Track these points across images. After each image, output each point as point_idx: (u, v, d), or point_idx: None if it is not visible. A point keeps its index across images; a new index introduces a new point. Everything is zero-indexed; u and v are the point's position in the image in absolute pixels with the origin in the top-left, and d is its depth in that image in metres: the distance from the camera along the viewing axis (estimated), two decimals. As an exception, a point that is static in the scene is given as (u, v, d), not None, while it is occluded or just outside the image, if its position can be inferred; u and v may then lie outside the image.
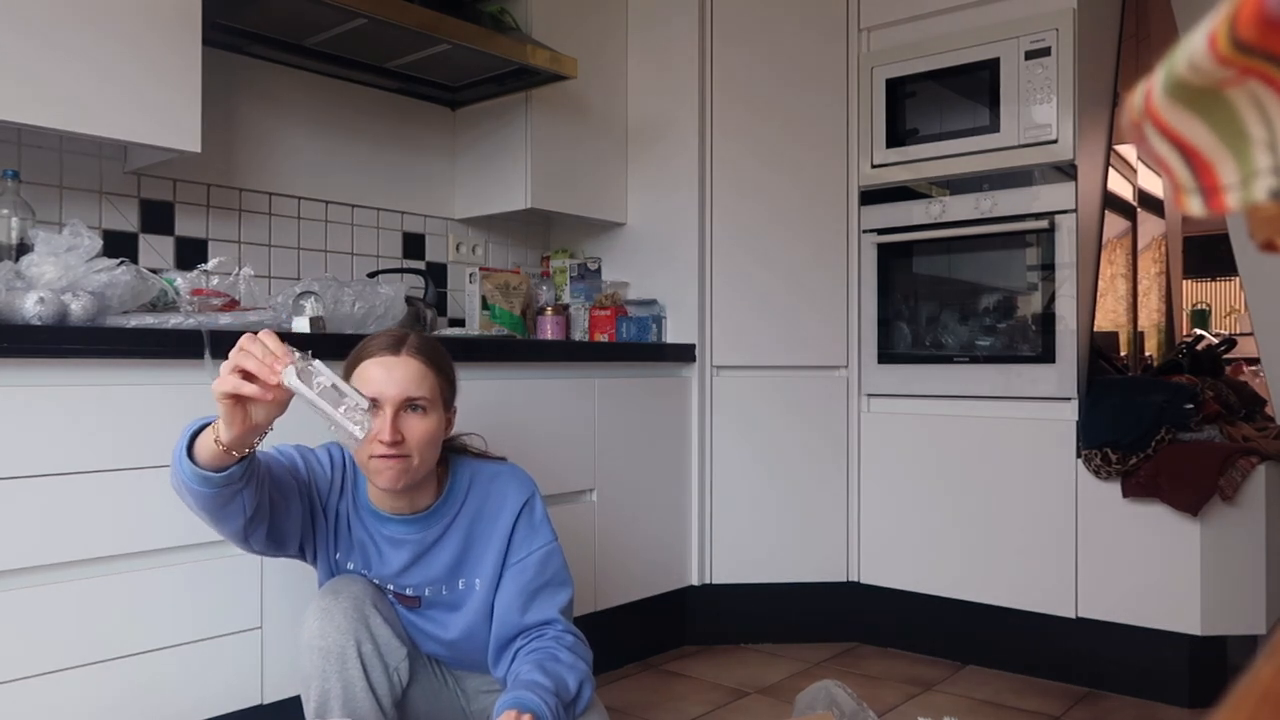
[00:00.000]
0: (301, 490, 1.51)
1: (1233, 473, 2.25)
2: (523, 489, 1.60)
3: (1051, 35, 2.47)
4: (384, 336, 1.52)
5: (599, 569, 2.49)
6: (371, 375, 1.46)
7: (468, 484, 1.58)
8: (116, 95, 1.86)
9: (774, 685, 2.46)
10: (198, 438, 1.29)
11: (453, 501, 1.56)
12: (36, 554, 1.52)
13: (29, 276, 1.61)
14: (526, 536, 1.57)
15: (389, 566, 1.55)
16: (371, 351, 1.49)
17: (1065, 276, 2.47)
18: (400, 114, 2.75)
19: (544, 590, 1.56)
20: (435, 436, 1.48)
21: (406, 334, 1.52)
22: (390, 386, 1.45)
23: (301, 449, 1.56)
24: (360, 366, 1.48)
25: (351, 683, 1.46)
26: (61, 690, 1.54)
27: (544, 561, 1.57)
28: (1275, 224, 0.44)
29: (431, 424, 1.47)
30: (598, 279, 2.93)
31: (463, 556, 1.56)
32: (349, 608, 1.48)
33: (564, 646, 1.52)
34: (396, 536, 1.54)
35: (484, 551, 1.56)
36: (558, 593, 1.58)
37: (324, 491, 1.54)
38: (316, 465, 1.55)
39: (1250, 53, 0.39)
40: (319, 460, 1.56)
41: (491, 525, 1.57)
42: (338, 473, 1.56)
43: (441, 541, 1.55)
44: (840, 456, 2.83)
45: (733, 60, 2.83)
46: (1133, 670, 2.38)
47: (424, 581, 1.57)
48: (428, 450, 1.47)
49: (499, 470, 1.62)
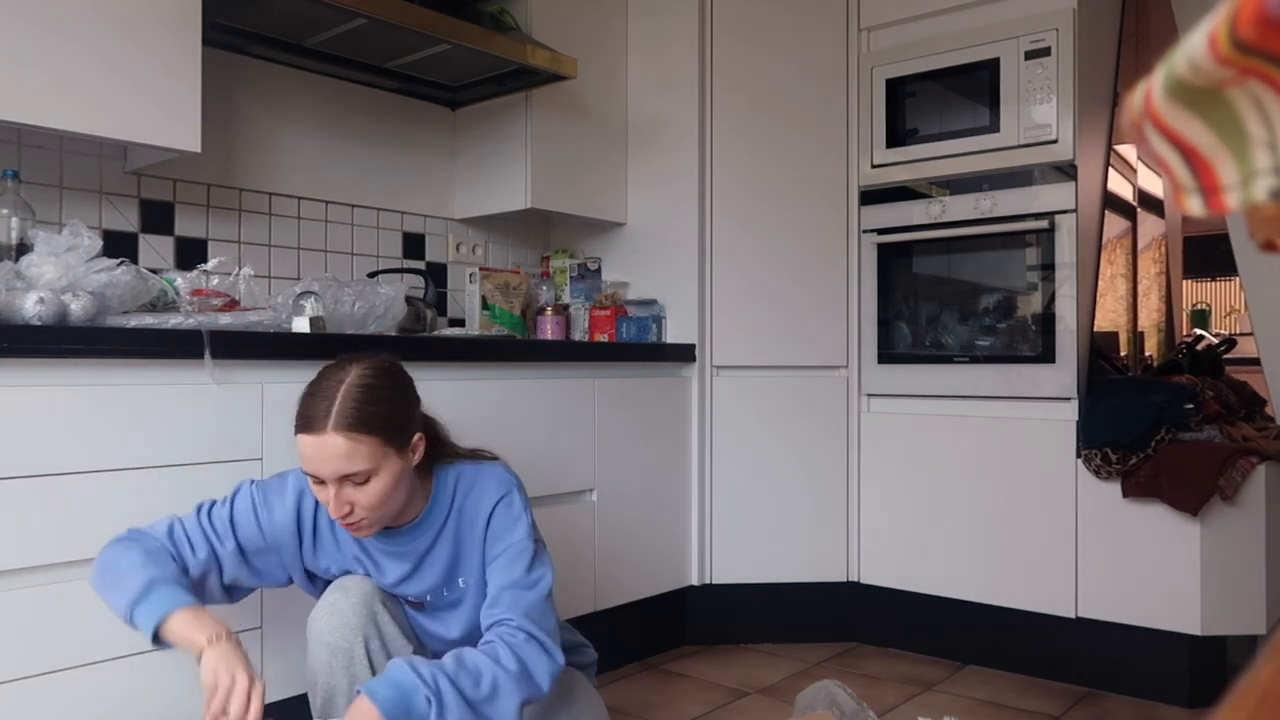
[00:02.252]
0: (272, 546, 1.52)
1: (1233, 473, 2.25)
2: (500, 486, 1.56)
3: (1051, 35, 2.47)
4: (308, 407, 1.40)
5: (599, 569, 2.49)
6: (304, 450, 1.40)
7: (452, 488, 1.56)
8: (116, 95, 1.86)
9: (774, 685, 2.46)
10: (168, 619, 1.33)
11: (439, 508, 1.55)
12: (36, 554, 1.52)
13: (29, 276, 1.61)
14: (500, 534, 1.54)
15: (389, 576, 1.56)
16: (299, 425, 1.40)
17: (1065, 276, 2.47)
18: (400, 114, 2.75)
19: (508, 590, 1.51)
20: (388, 492, 1.42)
21: (330, 400, 1.38)
22: (321, 466, 1.38)
23: (257, 508, 1.51)
24: (296, 437, 1.41)
25: (358, 679, 1.47)
26: (62, 690, 1.54)
27: (511, 561, 1.52)
28: (1275, 224, 0.44)
29: (378, 487, 1.40)
30: (598, 279, 2.93)
31: (456, 558, 1.56)
32: (358, 604, 1.49)
33: (505, 643, 1.43)
34: (391, 549, 1.54)
35: (471, 551, 1.56)
36: (524, 594, 1.50)
37: (289, 543, 1.53)
38: (276, 520, 1.51)
39: (1250, 53, 0.39)
40: (280, 512, 1.52)
41: (473, 525, 1.56)
42: (307, 516, 1.54)
43: (435, 548, 1.55)
44: (840, 456, 2.83)
45: (733, 60, 2.83)
46: (1132, 670, 2.38)
47: (425, 589, 1.57)
48: (387, 503, 1.43)
49: (481, 469, 1.60)
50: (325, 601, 1.51)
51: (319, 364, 1.77)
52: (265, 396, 1.78)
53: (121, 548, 1.42)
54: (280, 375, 1.80)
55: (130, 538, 1.45)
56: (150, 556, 1.40)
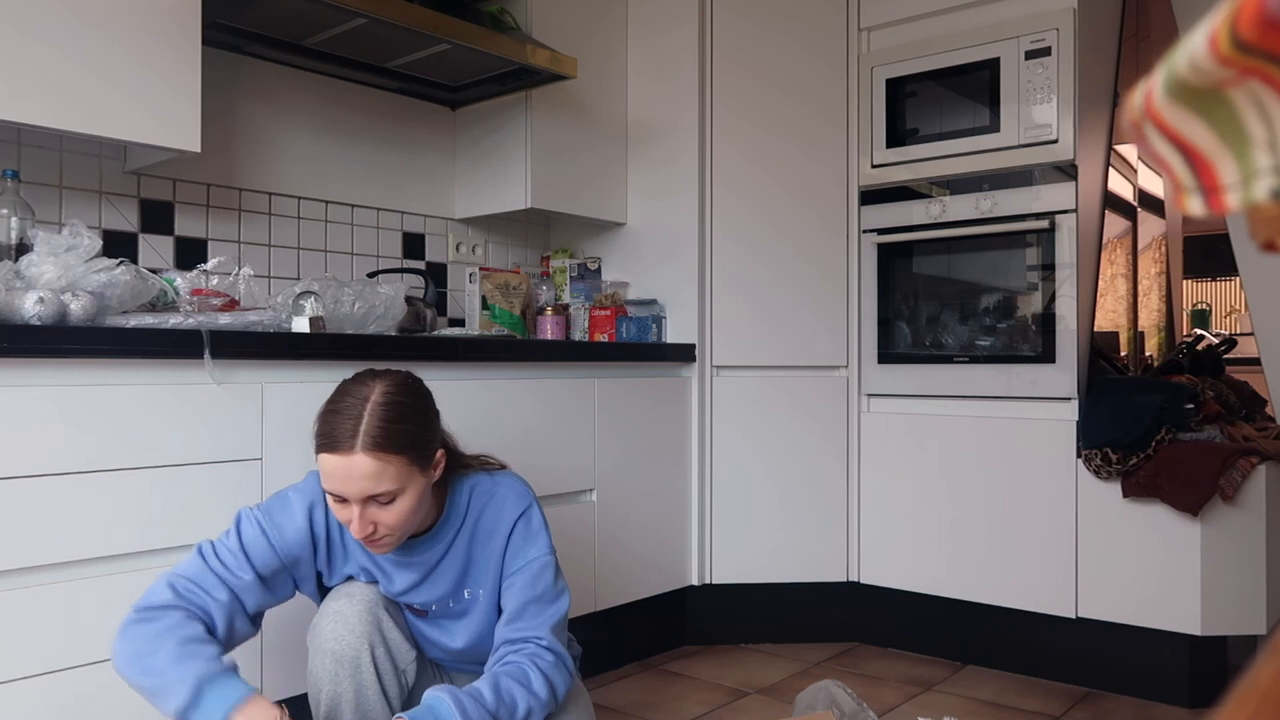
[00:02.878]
0: (288, 565, 1.50)
1: (1233, 473, 2.25)
2: (520, 500, 1.57)
3: (1051, 35, 2.47)
4: (332, 426, 1.38)
5: (599, 569, 2.49)
6: (329, 470, 1.38)
7: (467, 500, 1.57)
8: (116, 95, 1.86)
9: (774, 685, 2.46)
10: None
11: (453, 520, 1.55)
12: (37, 554, 1.52)
13: (28, 276, 1.61)
14: (521, 548, 1.55)
15: (396, 585, 1.55)
16: (323, 444, 1.38)
17: (1065, 276, 2.47)
18: (400, 114, 2.75)
19: (533, 604, 1.52)
20: (411, 510, 1.41)
21: (356, 419, 1.36)
22: (348, 486, 1.36)
23: (267, 532, 1.47)
24: (319, 455, 1.39)
25: (364, 687, 1.47)
26: (62, 690, 1.54)
27: (536, 576, 1.53)
28: (1275, 224, 0.44)
29: (403, 506, 1.40)
30: (598, 279, 2.93)
31: (466, 570, 1.56)
32: (363, 611, 1.49)
33: (537, 667, 1.47)
34: (401, 559, 1.54)
35: (485, 563, 1.56)
36: (547, 608, 1.53)
37: (305, 556, 1.52)
38: (289, 539, 1.49)
39: (1251, 52, 0.39)
40: (292, 530, 1.50)
41: (490, 538, 1.56)
42: (319, 528, 1.53)
43: (446, 559, 1.55)
44: (840, 456, 2.83)
45: (733, 61, 2.83)
46: (1132, 670, 2.38)
47: (431, 599, 1.57)
48: (410, 521, 1.43)
49: (497, 481, 1.60)
50: (329, 609, 1.50)
51: (319, 364, 1.77)
52: (265, 396, 1.78)
53: (147, 637, 1.33)
54: (280, 375, 1.80)
55: (147, 618, 1.36)
56: (184, 646, 1.32)
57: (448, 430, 1.59)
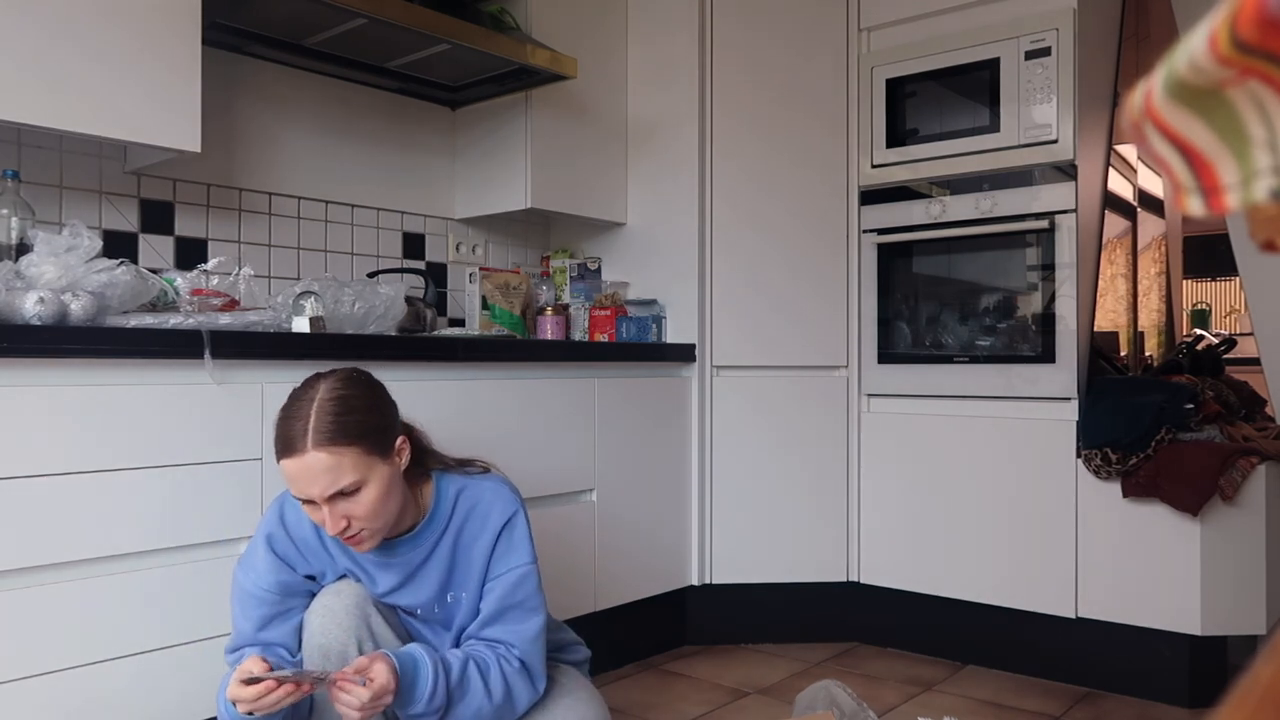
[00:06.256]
0: (288, 592, 1.53)
1: (1233, 473, 2.25)
2: (507, 506, 1.58)
3: (1051, 35, 2.47)
4: (285, 430, 1.40)
5: (599, 569, 2.49)
6: (290, 474, 1.39)
7: (453, 502, 1.56)
8: (116, 95, 1.86)
9: (774, 685, 2.46)
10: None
11: (437, 522, 1.55)
12: (37, 554, 1.52)
13: (29, 276, 1.61)
14: (504, 554, 1.55)
15: (379, 586, 1.55)
16: (280, 451, 1.40)
17: (1065, 276, 2.47)
18: (400, 114, 2.75)
19: (510, 612, 1.54)
20: (381, 500, 1.42)
21: (304, 419, 1.38)
22: (310, 487, 1.37)
23: (255, 580, 1.52)
24: (280, 463, 1.41)
25: None
26: (62, 690, 1.54)
27: (516, 584, 1.55)
28: (1275, 224, 0.44)
29: (370, 496, 1.40)
30: (598, 279, 2.93)
31: (450, 573, 1.57)
32: (350, 605, 1.49)
33: (500, 668, 1.50)
34: (382, 559, 1.54)
35: (469, 567, 1.56)
36: (525, 618, 1.54)
37: (290, 578, 1.54)
38: (264, 575, 1.52)
39: (1251, 52, 0.39)
40: (262, 565, 1.53)
41: (475, 542, 1.56)
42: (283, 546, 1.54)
43: (429, 562, 1.55)
44: (840, 456, 2.83)
45: (733, 61, 2.83)
46: (1132, 670, 2.38)
47: (415, 602, 1.57)
48: (382, 512, 1.43)
49: (484, 485, 1.60)
50: (317, 604, 1.51)
51: (319, 364, 1.77)
52: (265, 396, 1.78)
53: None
54: (280, 375, 1.80)
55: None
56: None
57: (419, 426, 1.59)
